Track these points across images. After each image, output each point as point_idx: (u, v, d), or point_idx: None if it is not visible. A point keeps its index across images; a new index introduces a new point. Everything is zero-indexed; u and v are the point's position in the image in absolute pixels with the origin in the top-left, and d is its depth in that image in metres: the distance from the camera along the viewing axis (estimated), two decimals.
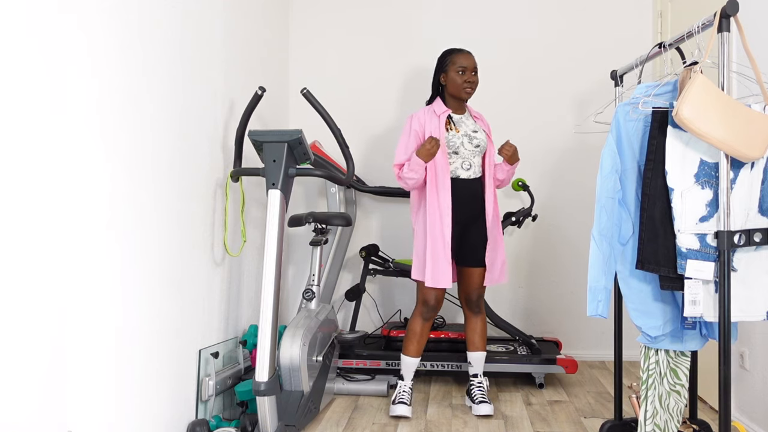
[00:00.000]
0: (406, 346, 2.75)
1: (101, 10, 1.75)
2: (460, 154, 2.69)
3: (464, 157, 2.70)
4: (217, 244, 2.58)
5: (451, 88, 2.72)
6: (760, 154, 1.67)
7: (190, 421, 2.28)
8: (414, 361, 2.75)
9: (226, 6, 2.71)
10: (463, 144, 2.69)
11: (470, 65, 2.70)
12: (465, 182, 2.71)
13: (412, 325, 2.74)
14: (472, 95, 2.77)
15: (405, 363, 2.76)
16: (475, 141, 2.72)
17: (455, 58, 2.71)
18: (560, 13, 3.66)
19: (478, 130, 2.75)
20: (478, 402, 2.68)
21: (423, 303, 2.71)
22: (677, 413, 1.97)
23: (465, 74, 2.69)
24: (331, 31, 3.79)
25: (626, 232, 1.91)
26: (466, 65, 2.69)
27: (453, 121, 2.73)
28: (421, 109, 2.77)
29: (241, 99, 2.86)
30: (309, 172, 2.41)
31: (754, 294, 1.75)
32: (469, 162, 2.71)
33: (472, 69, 2.71)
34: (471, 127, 2.74)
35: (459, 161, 2.69)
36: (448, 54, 2.75)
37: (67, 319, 1.60)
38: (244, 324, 2.94)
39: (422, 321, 2.73)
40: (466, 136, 2.71)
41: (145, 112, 1.99)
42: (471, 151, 2.71)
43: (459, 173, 2.70)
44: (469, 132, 2.72)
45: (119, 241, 1.83)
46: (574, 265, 3.65)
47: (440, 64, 2.76)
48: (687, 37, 1.84)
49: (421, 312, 2.72)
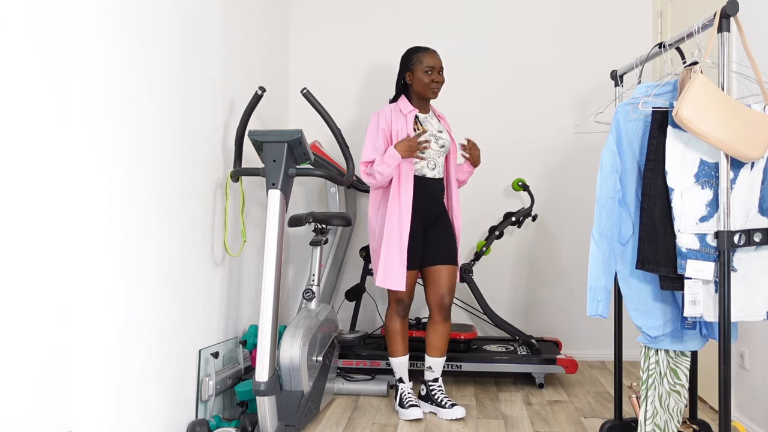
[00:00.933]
0: (391, 347, 2.74)
1: (101, 10, 1.75)
2: (426, 154, 2.68)
3: (430, 157, 2.69)
4: (217, 244, 2.58)
5: (418, 87, 2.69)
6: (760, 154, 1.67)
7: (190, 421, 2.28)
8: (404, 360, 2.74)
9: (226, 6, 2.71)
10: (429, 144, 2.66)
11: (437, 65, 2.68)
12: (430, 182, 2.70)
13: (391, 325, 2.73)
14: (438, 95, 2.76)
15: (396, 364, 2.75)
16: (440, 141, 2.71)
17: (422, 57, 2.68)
18: (560, 13, 3.66)
19: (442, 130, 2.75)
20: (450, 406, 2.64)
21: (396, 302, 2.70)
22: (677, 413, 1.97)
23: (432, 74, 2.66)
24: (331, 31, 3.78)
25: (626, 232, 1.91)
26: (433, 65, 2.66)
27: (419, 121, 2.71)
28: (387, 107, 2.74)
29: (241, 99, 2.86)
30: (309, 172, 2.41)
31: (754, 294, 1.75)
32: (434, 162, 2.70)
33: (439, 68, 2.69)
34: (436, 127, 2.74)
35: (424, 161, 2.68)
36: (413, 52, 2.71)
37: (67, 319, 1.60)
38: (244, 324, 2.94)
39: (399, 319, 2.72)
40: (432, 136, 2.70)
41: (145, 112, 1.99)
42: (436, 151, 2.70)
43: (425, 172, 2.69)
44: (434, 132, 2.71)
45: (119, 241, 1.83)
46: (574, 265, 3.65)
47: (405, 63, 2.73)
48: (687, 37, 1.84)
49: (396, 311, 2.71)
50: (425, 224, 2.70)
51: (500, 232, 3.28)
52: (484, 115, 3.66)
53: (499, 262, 3.68)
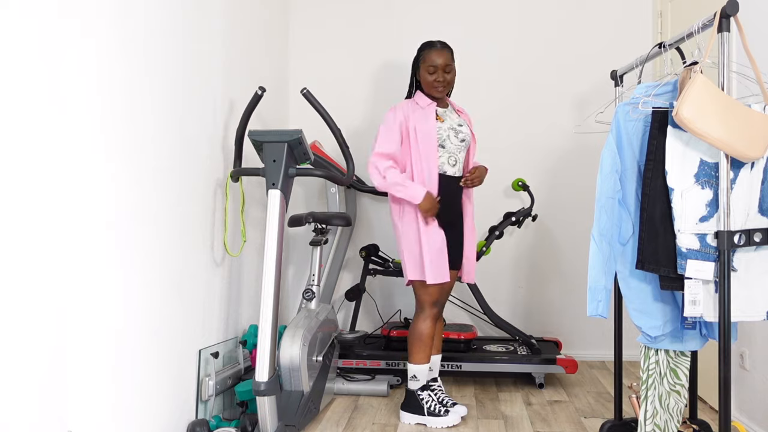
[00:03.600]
0: (417, 354, 2.54)
1: (102, 12, 1.75)
2: (446, 149, 2.54)
3: (450, 152, 2.55)
4: (217, 244, 2.58)
5: (424, 85, 2.59)
6: (760, 154, 1.67)
7: (190, 421, 2.28)
8: (427, 367, 2.59)
9: (226, 6, 2.71)
10: (449, 138, 2.55)
11: (441, 63, 2.53)
12: (450, 179, 2.56)
13: (426, 330, 2.53)
14: (445, 93, 2.62)
15: (421, 372, 2.56)
16: (460, 135, 2.58)
17: (425, 55, 2.57)
18: (560, 14, 3.66)
19: (463, 123, 2.62)
20: (451, 405, 2.61)
21: (431, 304, 2.54)
22: (677, 413, 1.97)
23: (435, 74, 2.54)
24: (331, 31, 3.78)
25: (626, 232, 1.91)
26: (436, 64, 2.53)
27: (438, 114, 2.59)
28: (403, 102, 2.63)
29: (241, 99, 2.86)
30: (309, 172, 2.41)
31: (753, 294, 1.75)
32: (455, 158, 2.56)
33: (444, 66, 2.54)
34: (456, 121, 2.61)
35: (445, 156, 2.55)
36: (421, 49, 2.61)
37: (67, 319, 1.60)
38: (244, 324, 2.93)
39: (432, 324, 2.55)
40: (452, 129, 2.56)
41: (145, 113, 1.99)
42: (457, 146, 2.57)
43: (446, 169, 2.55)
44: (454, 125, 2.58)
45: (119, 241, 1.83)
46: (573, 265, 3.64)
47: (415, 60, 2.64)
48: (687, 37, 1.84)
49: (431, 315, 2.54)
50: (445, 224, 2.55)
51: (500, 232, 3.28)
52: (484, 116, 3.66)
53: (499, 262, 3.68)
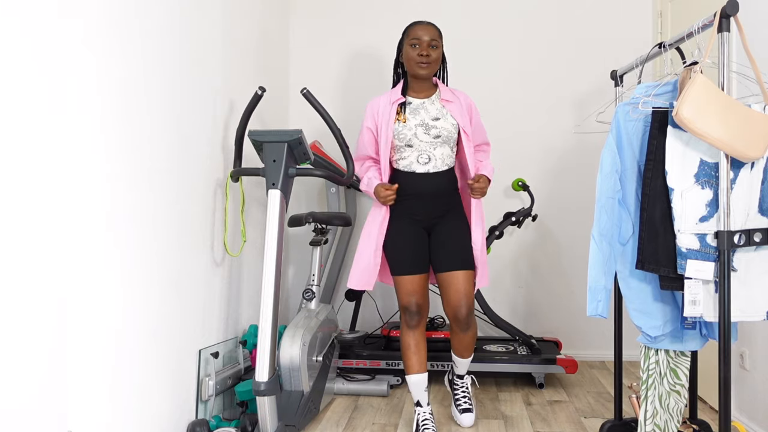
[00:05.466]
0: (404, 363, 2.45)
1: (101, 11, 1.75)
2: (414, 147, 2.38)
3: (420, 150, 2.38)
4: (217, 244, 2.58)
5: (407, 65, 2.39)
6: (760, 154, 1.67)
7: (190, 421, 2.28)
8: (419, 378, 2.42)
9: (226, 6, 2.71)
10: (417, 135, 2.37)
11: (426, 36, 2.33)
12: (423, 177, 2.40)
13: (402, 338, 2.45)
14: (430, 72, 2.38)
15: (411, 383, 2.43)
16: (434, 131, 2.37)
17: (410, 30, 2.38)
18: (559, 14, 3.66)
19: (441, 117, 2.40)
20: (461, 411, 2.54)
21: (402, 310, 2.41)
22: (677, 413, 1.97)
23: (418, 47, 2.33)
24: (331, 31, 3.78)
25: (626, 232, 1.91)
26: (420, 36, 2.33)
27: (405, 111, 2.40)
28: (383, 95, 2.47)
29: (241, 99, 2.86)
30: (309, 172, 2.41)
31: (754, 294, 1.75)
32: (427, 155, 2.38)
33: (429, 41, 2.33)
34: (432, 115, 2.39)
35: (414, 154, 2.39)
36: (405, 29, 2.43)
37: (67, 319, 1.60)
38: (244, 324, 2.94)
39: (409, 331, 2.42)
40: (422, 125, 2.37)
41: (145, 112, 1.99)
42: (429, 143, 2.38)
43: (414, 168, 2.39)
44: (427, 121, 2.38)
45: (119, 241, 1.83)
46: (574, 265, 3.65)
47: (400, 42, 2.45)
48: (687, 37, 1.84)
49: (405, 321, 2.42)
50: (428, 224, 2.44)
51: (500, 232, 3.28)
52: (484, 115, 3.66)
53: (499, 262, 3.68)
